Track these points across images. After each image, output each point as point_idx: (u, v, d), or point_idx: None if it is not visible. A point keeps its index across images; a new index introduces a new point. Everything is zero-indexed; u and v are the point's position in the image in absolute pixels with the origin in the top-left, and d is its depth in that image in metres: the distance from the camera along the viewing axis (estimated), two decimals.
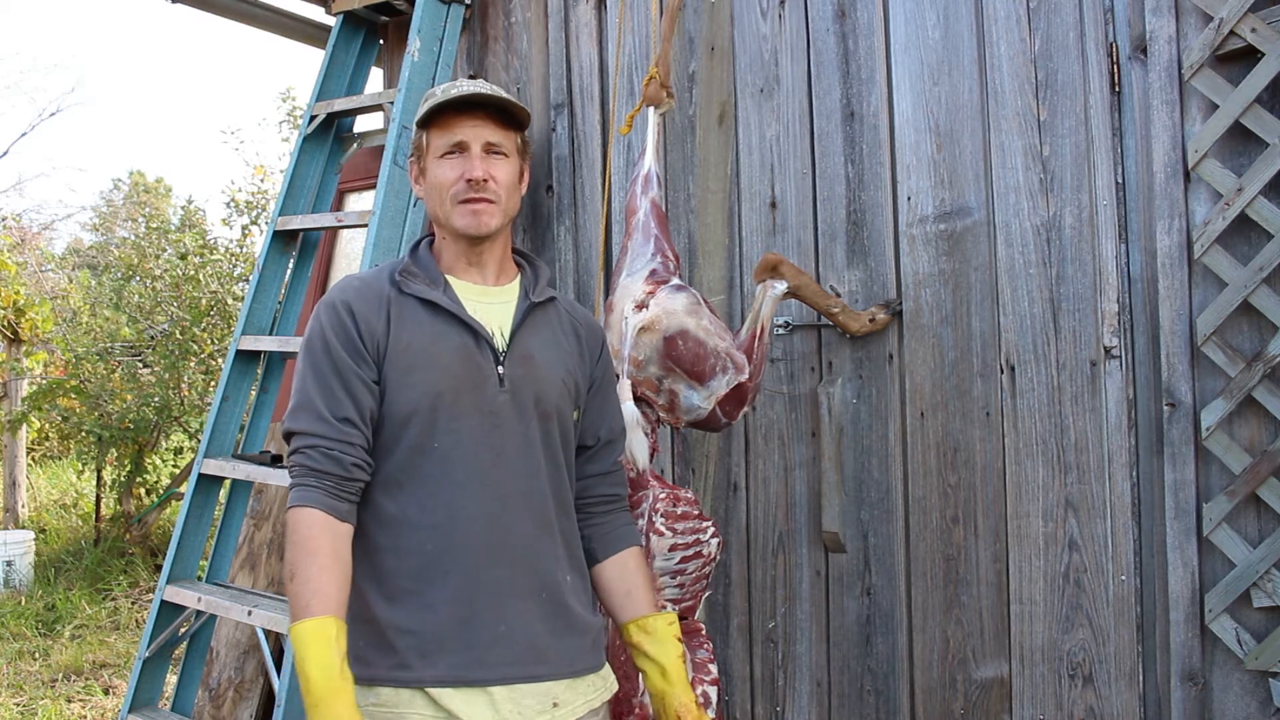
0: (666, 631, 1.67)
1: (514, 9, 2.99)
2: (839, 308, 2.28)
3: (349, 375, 1.52)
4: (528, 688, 1.54)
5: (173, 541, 2.88)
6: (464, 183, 1.59)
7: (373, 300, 1.58)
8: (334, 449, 1.50)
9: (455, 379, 1.55)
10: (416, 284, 1.60)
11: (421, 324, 1.57)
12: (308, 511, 1.47)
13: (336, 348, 1.53)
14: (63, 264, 14.58)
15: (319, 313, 1.58)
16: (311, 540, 1.45)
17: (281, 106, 9.04)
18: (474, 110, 1.61)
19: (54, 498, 8.99)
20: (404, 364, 1.54)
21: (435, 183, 1.61)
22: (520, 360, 1.61)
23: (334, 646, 1.39)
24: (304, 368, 1.55)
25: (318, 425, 1.50)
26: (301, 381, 1.54)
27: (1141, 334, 2.09)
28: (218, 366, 7.01)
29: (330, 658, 1.38)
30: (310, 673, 1.37)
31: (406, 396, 1.54)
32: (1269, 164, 1.90)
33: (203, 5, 3.52)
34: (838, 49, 2.44)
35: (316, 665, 1.37)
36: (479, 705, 1.50)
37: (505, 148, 1.63)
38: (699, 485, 2.61)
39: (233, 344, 2.99)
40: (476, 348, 1.58)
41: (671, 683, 1.64)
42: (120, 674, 4.88)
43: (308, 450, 1.50)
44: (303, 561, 1.44)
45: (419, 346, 1.56)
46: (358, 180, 3.65)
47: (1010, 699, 2.20)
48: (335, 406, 1.51)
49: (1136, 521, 2.08)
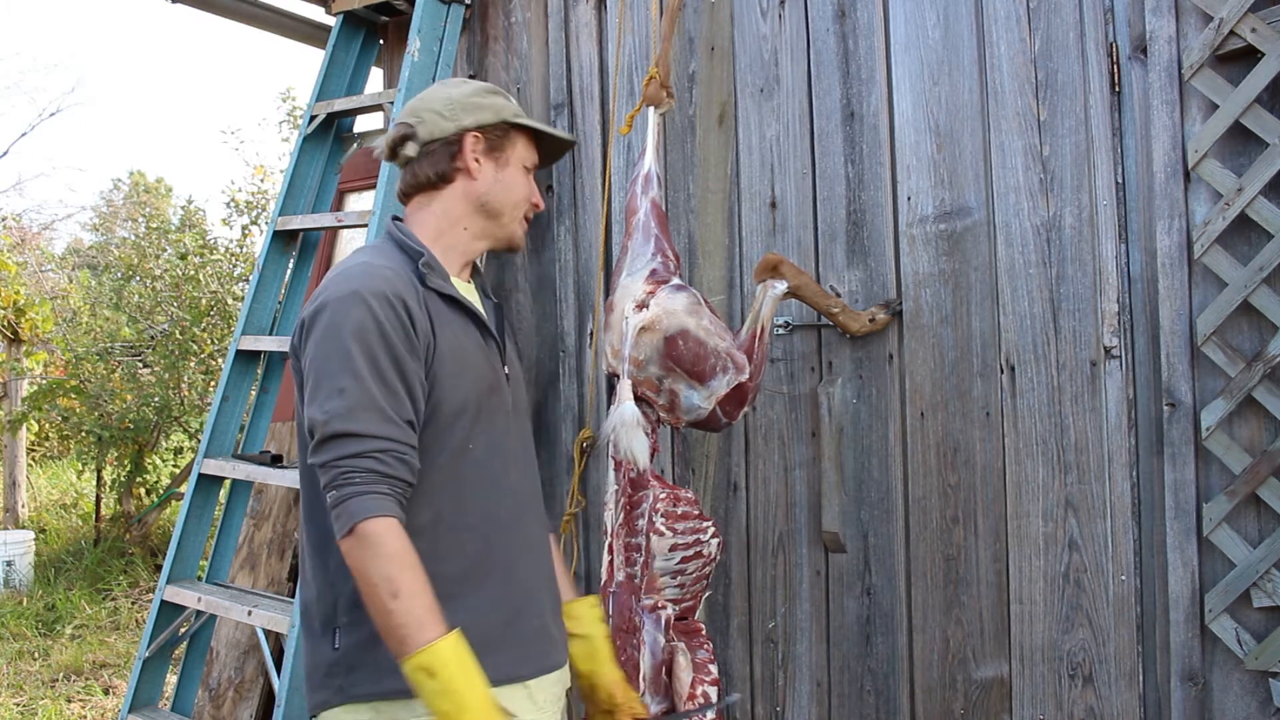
0: (592, 614, 1.75)
1: (514, 9, 2.99)
2: (839, 308, 2.28)
3: (410, 374, 1.43)
4: (552, 676, 1.60)
5: (173, 541, 2.88)
6: (531, 204, 1.68)
7: (413, 295, 1.48)
8: (406, 454, 1.40)
9: (486, 380, 1.55)
10: (437, 279, 1.55)
11: (454, 322, 1.53)
12: (390, 523, 1.35)
13: (396, 343, 1.42)
14: (63, 264, 14.59)
15: (368, 302, 1.42)
16: (406, 553, 1.34)
17: (281, 106, 9.06)
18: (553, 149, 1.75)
19: (54, 498, 9.00)
20: (453, 365, 1.49)
21: (514, 190, 1.65)
22: (511, 359, 1.66)
23: (471, 660, 1.33)
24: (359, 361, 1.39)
25: (386, 427, 1.38)
26: (355, 377, 1.38)
27: (1141, 334, 2.09)
28: (218, 366, 7.00)
29: (478, 674, 1.33)
30: (462, 692, 1.29)
31: (454, 398, 1.49)
32: (1269, 164, 1.90)
33: (203, 5, 3.52)
34: (838, 49, 2.44)
35: (468, 684, 1.30)
36: (520, 699, 1.52)
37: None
38: (699, 485, 2.61)
39: (233, 344, 2.99)
40: (488, 347, 1.58)
41: (601, 663, 1.72)
42: (120, 674, 4.88)
43: (379, 455, 1.37)
44: (405, 576, 1.32)
45: (460, 346, 1.52)
46: (358, 180, 3.65)
47: (1010, 699, 2.20)
48: (399, 407, 1.41)
49: (1136, 521, 2.09)
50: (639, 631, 1.99)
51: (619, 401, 2.02)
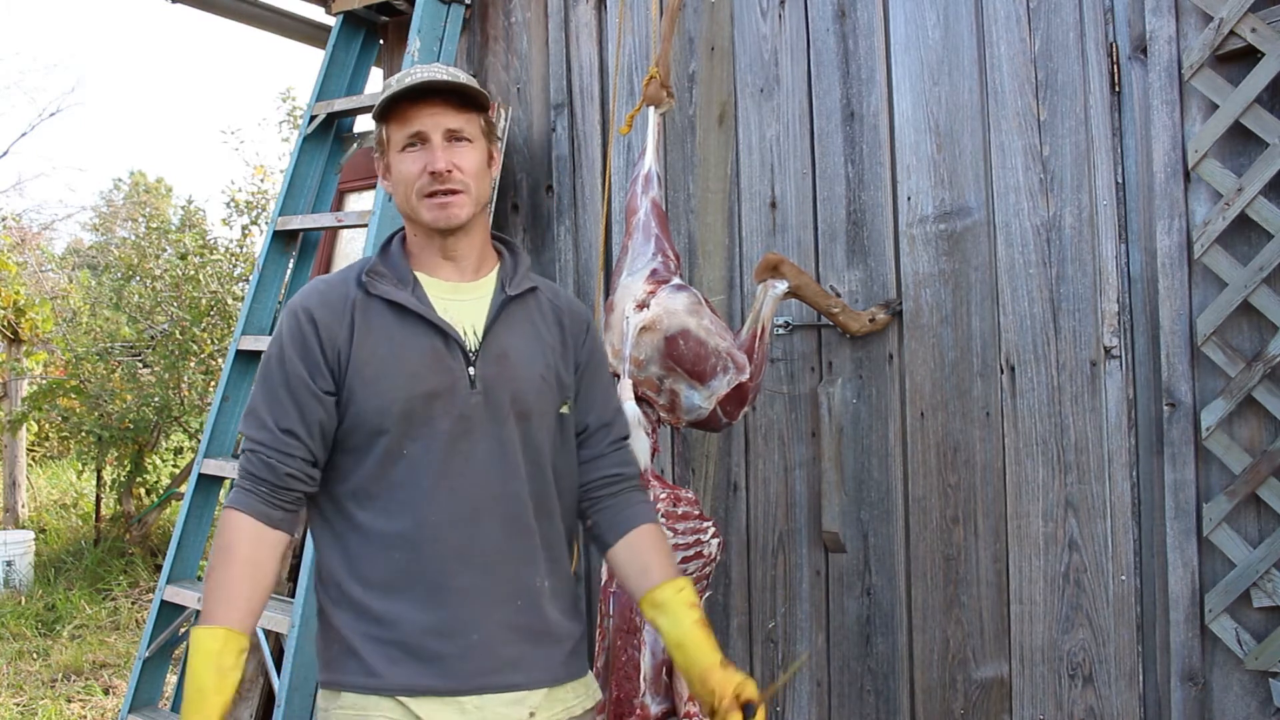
0: (676, 600, 1.56)
1: (514, 9, 2.99)
2: (839, 308, 2.28)
3: (298, 386, 1.51)
4: (501, 697, 1.50)
5: (173, 541, 2.88)
6: (427, 175, 1.52)
7: (337, 306, 1.54)
8: (271, 457, 1.50)
9: (424, 384, 1.51)
10: (384, 285, 1.55)
11: (388, 327, 1.53)
12: (235, 515, 1.48)
13: (291, 358, 1.52)
14: (63, 264, 14.58)
15: (282, 319, 1.58)
16: (232, 545, 1.47)
17: (281, 106, 9.04)
18: (430, 98, 1.53)
19: (54, 498, 8.99)
20: (370, 372, 1.51)
21: (399, 177, 1.55)
22: (494, 360, 1.55)
23: (213, 660, 1.41)
24: (260, 374, 1.57)
25: (260, 433, 1.51)
26: (256, 387, 1.56)
27: (1141, 334, 2.09)
28: (218, 366, 7.00)
29: (207, 670, 1.40)
30: (189, 679, 1.41)
31: (374, 405, 1.50)
32: (1269, 164, 1.90)
33: (203, 5, 3.52)
34: (838, 49, 2.44)
35: (193, 674, 1.40)
36: (449, 714, 1.48)
37: (468, 133, 1.55)
38: (699, 485, 2.61)
39: (233, 344, 2.99)
40: (446, 349, 1.53)
41: (690, 653, 1.54)
42: (120, 674, 4.88)
43: (249, 454, 1.52)
44: (218, 565, 1.46)
45: (385, 353, 1.52)
46: (358, 180, 3.65)
47: (1010, 699, 2.20)
48: (279, 416, 1.51)
49: (1136, 521, 2.08)
50: (639, 631, 1.99)
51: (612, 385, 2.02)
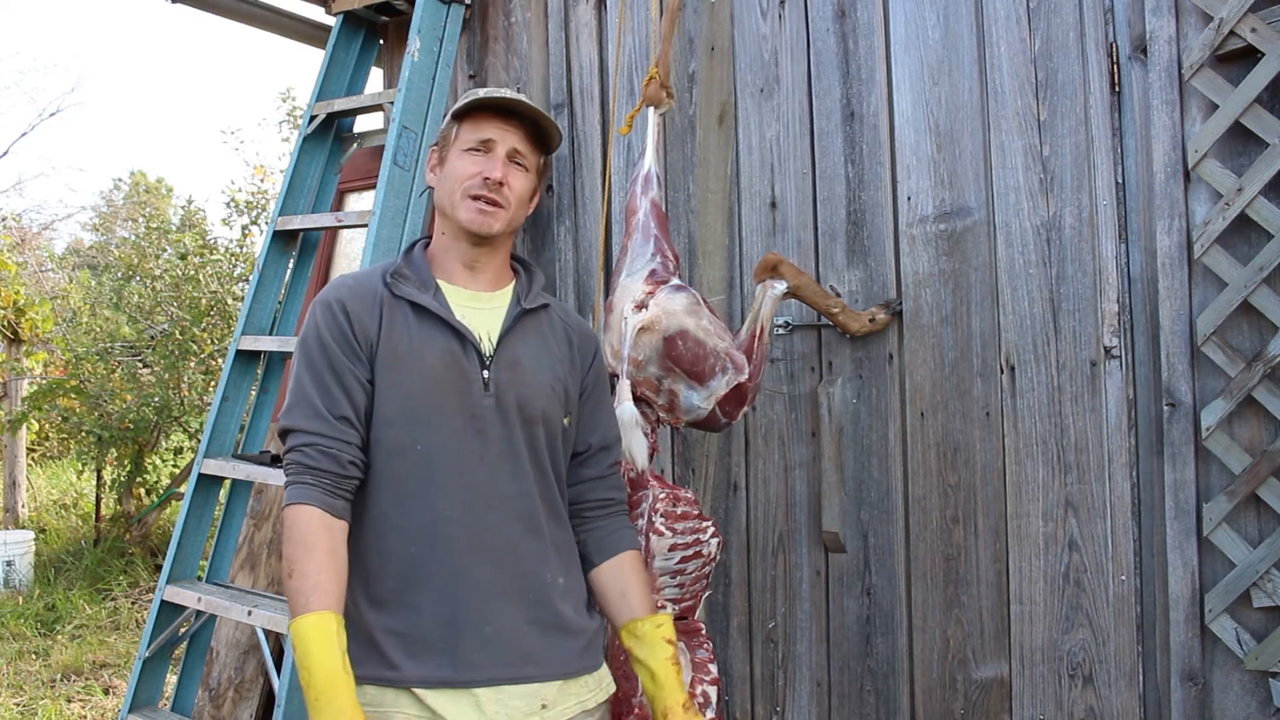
0: (654, 635, 1.65)
1: (514, 9, 2.99)
2: (839, 308, 2.28)
3: (344, 373, 1.53)
4: (515, 689, 1.54)
5: (173, 541, 2.87)
6: (480, 179, 1.59)
7: (366, 299, 1.59)
8: (332, 447, 1.50)
9: (438, 382, 1.55)
10: (407, 286, 1.60)
11: (410, 327, 1.58)
12: (305, 509, 1.47)
13: (332, 345, 1.54)
14: (63, 264, 14.59)
15: (314, 311, 1.59)
16: (310, 536, 1.46)
17: (281, 106, 9.05)
18: (510, 117, 1.62)
19: (54, 498, 8.99)
20: (390, 365, 1.55)
21: (452, 172, 1.61)
22: (507, 365, 1.61)
23: (335, 642, 1.40)
24: (300, 365, 1.56)
25: (315, 423, 1.51)
26: (298, 379, 1.55)
27: (1141, 334, 2.09)
28: (218, 366, 7.00)
29: (332, 653, 1.39)
30: (312, 668, 1.38)
31: (390, 398, 1.55)
32: (1269, 164, 1.90)
33: (203, 5, 3.52)
34: (838, 49, 2.44)
35: (318, 661, 1.38)
36: (464, 706, 1.51)
37: (528, 162, 1.65)
38: (699, 485, 2.61)
39: (233, 344, 2.99)
40: (462, 352, 1.58)
41: (660, 685, 1.64)
42: (120, 674, 4.88)
43: (305, 448, 1.50)
44: (301, 558, 1.45)
45: (405, 349, 1.56)
46: (358, 180, 3.65)
47: (1010, 699, 2.20)
48: (332, 404, 1.52)
49: (1136, 521, 2.08)
50: None
51: (618, 402, 2.02)
